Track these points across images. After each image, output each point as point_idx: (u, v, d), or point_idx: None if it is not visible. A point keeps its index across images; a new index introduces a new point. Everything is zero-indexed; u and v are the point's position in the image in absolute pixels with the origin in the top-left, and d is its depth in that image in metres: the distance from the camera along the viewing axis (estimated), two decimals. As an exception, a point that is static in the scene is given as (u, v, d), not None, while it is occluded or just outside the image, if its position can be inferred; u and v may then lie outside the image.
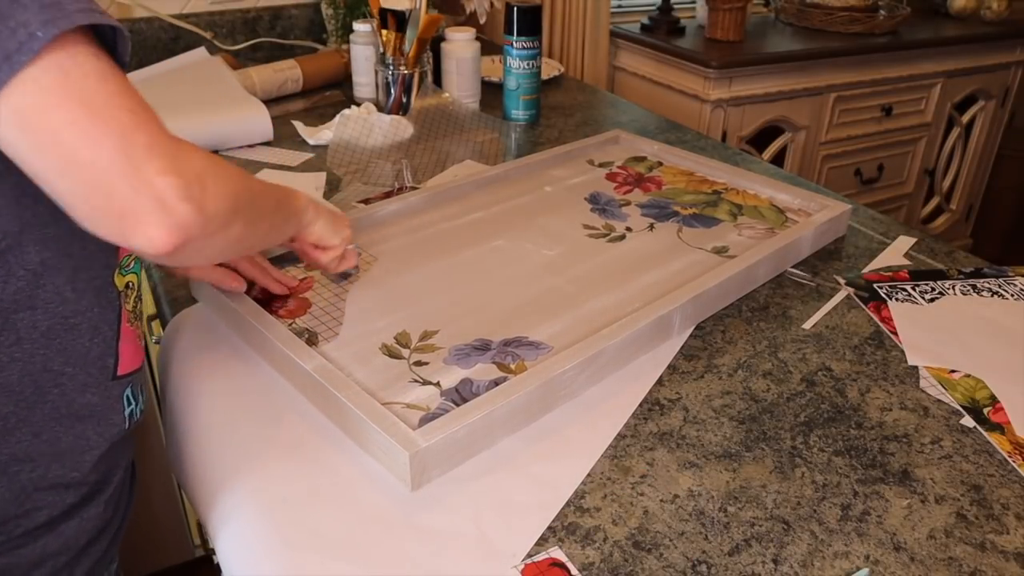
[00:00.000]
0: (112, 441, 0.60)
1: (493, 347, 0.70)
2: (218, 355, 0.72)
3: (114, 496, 0.63)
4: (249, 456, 0.61)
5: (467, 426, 0.58)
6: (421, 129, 1.24)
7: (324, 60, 1.48)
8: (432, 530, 0.55)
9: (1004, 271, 0.89)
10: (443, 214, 0.95)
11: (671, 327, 0.75)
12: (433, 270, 0.83)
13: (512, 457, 0.61)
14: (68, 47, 0.43)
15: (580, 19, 1.93)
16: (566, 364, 0.64)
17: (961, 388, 0.70)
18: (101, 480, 0.61)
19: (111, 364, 0.59)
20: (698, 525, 0.56)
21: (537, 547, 0.54)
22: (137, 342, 0.63)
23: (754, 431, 0.65)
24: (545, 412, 0.65)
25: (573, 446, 0.62)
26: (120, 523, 0.65)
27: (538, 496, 0.58)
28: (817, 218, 0.91)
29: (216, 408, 0.66)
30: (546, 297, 0.78)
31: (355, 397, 0.60)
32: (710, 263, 0.85)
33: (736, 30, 1.93)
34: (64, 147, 0.43)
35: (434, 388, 0.65)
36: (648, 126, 1.34)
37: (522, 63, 1.29)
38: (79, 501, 0.59)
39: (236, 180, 0.51)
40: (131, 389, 0.62)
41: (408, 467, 0.55)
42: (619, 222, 0.94)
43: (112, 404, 0.60)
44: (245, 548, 0.55)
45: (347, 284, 0.80)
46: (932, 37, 2.10)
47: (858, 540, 0.55)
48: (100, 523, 0.61)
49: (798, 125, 2.00)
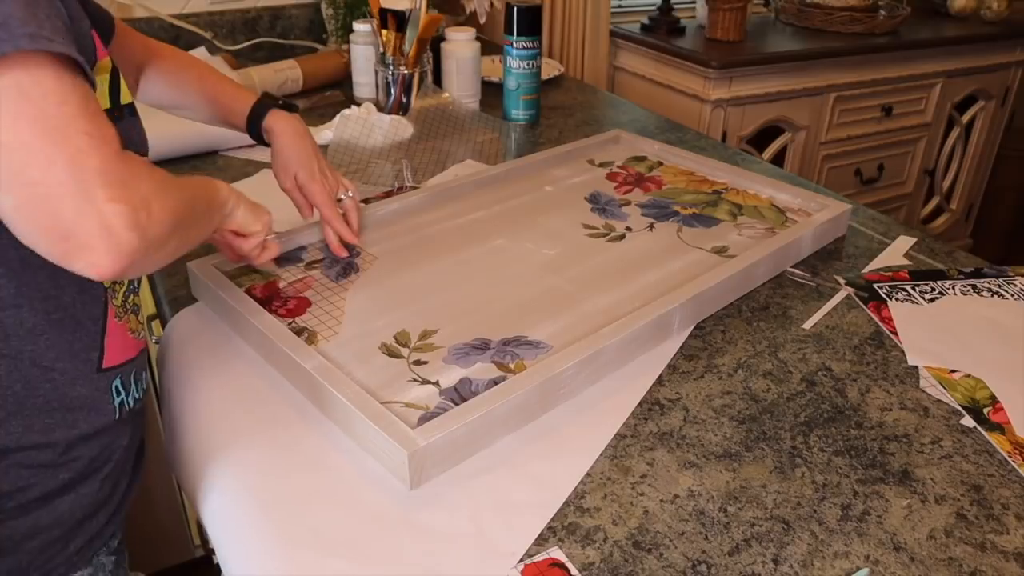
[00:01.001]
0: (104, 427, 0.61)
1: (492, 346, 0.70)
2: (218, 354, 0.72)
3: (113, 474, 0.63)
4: (248, 454, 0.61)
5: (466, 425, 0.58)
6: (421, 129, 1.24)
7: (324, 60, 1.48)
8: (431, 529, 0.55)
9: (1004, 271, 0.89)
10: (443, 213, 0.95)
11: (670, 326, 0.75)
12: (433, 269, 0.83)
13: (511, 456, 0.61)
14: (31, 68, 0.43)
15: (580, 19, 1.93)
16: (565, 363, 0.64)
17: (961, 388, 0.70)
18: (97, 459, 0.61)
19: (95, 358, 0.60)
20: (698, 525, 0.56)
21: (536, 547, 0.54)
22: (127, 336, 0.63)
23: (754, 431, 0.65)
24: (544, 411, 0.65)
25: (572, 445, 0.62)
26: (121, 499, 0.66)
27: (537, 495, 0.58)
28: (817, 218, 0.91)
29: (215, 407, 0.66)
30: (546, 296, 0.78)
31: (354, 396, 0.60)
32: (710, 263, 0.85)
33: (736, 30, 1.93)
34: (14, 164, 0.43)
35: (433, 387, 0.65)
36: (648, 126, 1.34)
37: (522, 63, 1.29)
38: (73, 479, 0.60)
39: (176, 196, 0.52)
40: (120, 380, 0.63)
41: (407, 466, 0.56)
42: (619, 222, 0.94)
43: (100, 395, 0.60)
44: (245, 547, 0.55)
45: (347, 283, 0.80)
46: (932, 37, 2.10)
47: (858, 540, 0.55)
48: (96, 500, 0.62)
49: (798, 125, 2.00)
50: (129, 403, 0.64)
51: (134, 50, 0.81)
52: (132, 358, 0.64)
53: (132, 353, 0.64)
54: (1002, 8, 2.23)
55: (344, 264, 0.83)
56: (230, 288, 0.74)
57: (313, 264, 0.83)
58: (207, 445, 0.63)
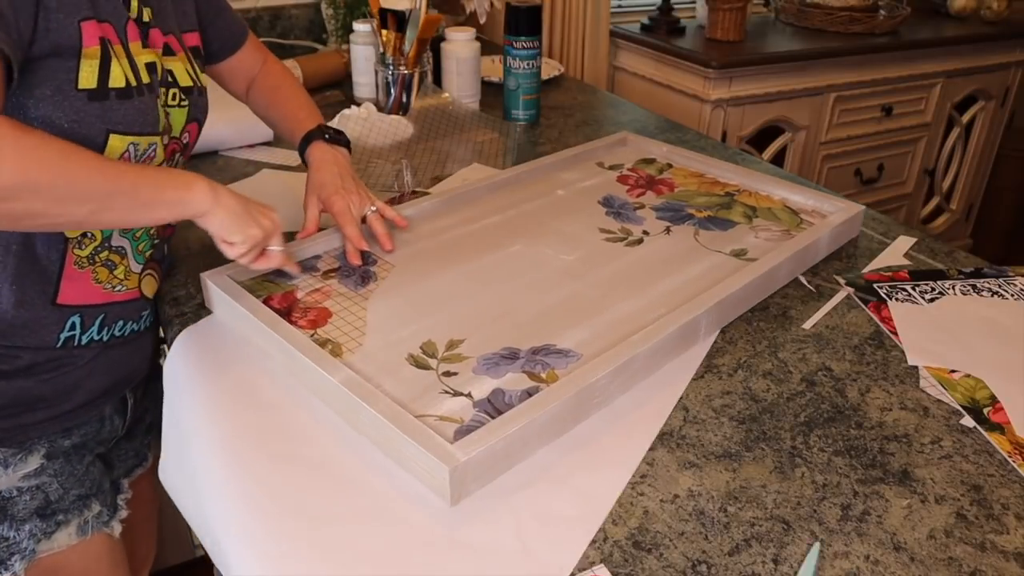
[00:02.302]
0: (43, 346, 0.72)
1: (522, 355, 0.69)
2: (233, 370, 0.70)
3: (58, 382, 0.74)
4: (277, 475, 0.59)
5: (505, 438, 0.57)
6: (421, 129, 1.24)
7: (324, 60, 1.49)
8: (476, 546, 0.53)
9: (1004, 271, 0.89)
10: (457, 219, 0.94)
11: (697, 332, 0.74)
12: (452, 276, 0.82)
13: (549, 468, 0.60)
14: None
15: (580, 19, 1.93)
16: (599, 372, 0.63)
17: (961, 388, 0.70)
18: (41, 366, 0.72)
19: (50, 292, 0.70)
20: (698, 525, 0.56)
21: (580, 562, 0.53)
22: (88, 284, 0.73)
23: (754, 431, 0.65)
24: (577, 422, 0.64)
25: (610, 456, 0.61)
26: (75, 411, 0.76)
27: (579, 508, 0.56)
28: (833, 219, 0.91)
29: (232, 424, 0.64)
30: (569, 303, 0.77)
31: (389, 410, 0.59)
32: (730, 266, 0.84)
33: (736, 30, 1.93)
34: None
35: (466, 399, 0.64)
36: (648, 126, 1.34)
37: (522, 63, 1.29)
38: (9, 372, 0.71)
39: (44, 157, 0.56)
40: (80, 319, 0.73)
41: (448, 482, 0.54)
42: (635, 225, 0.93)
43: (48, 322, 0.71)
44: (284, 572, 0.52)
45: (366, 292, 0.78)
46: (932, 37, 2.10)
47: (858, 540, 0.55)
48: (34, 395, 0.73)
49: (798, 125, 2.00)
50: (81, 340, 0.74)
51: (253, 62, 0.95)
52: (96, 304, 0.74)
53: (97, 300, 0.74)
54: (1002, 8, 2.23)
55: (361, 273, 0.82)
56: (249, 300, 0.73)
57: (330, 273, 0.82)
58: (231, 467, 0.60)
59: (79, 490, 0.79)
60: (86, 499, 0.80)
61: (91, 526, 0.80)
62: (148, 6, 0.72)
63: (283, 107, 0.94)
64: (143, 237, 0.76)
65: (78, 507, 0.79)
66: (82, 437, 0.79)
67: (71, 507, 0.78)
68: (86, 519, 0.80)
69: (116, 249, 0.74)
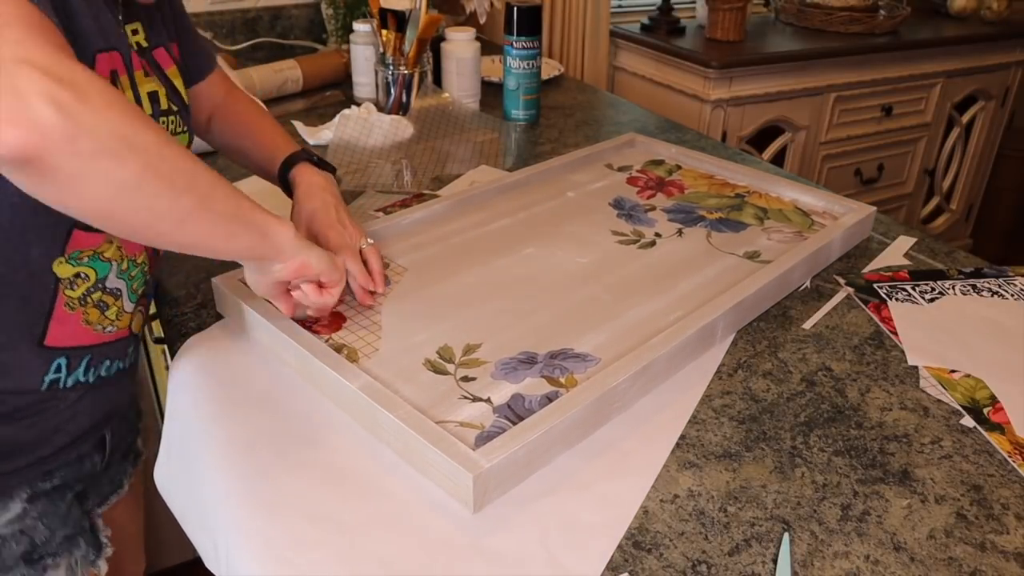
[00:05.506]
0: (28, 390, 0.66)
1: (540, 360, 0.69)
2: (245, 376, 0.69)
3: (42, 427, 0.68)
4: (298, 483, 0.58)
5: (527, 444, 0.56)
6: (421, 129, 1.24)
7: (324, 60, 1.48)
8: (501, 554, 0.53)
9: (1004, 271, 0.89)
10: (469, 222, 0.94)
11: (714, 335, 0.74)
12: (466, 280, 0.81)
13: (571, 474, 0.59)
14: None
15: (580, 19, 1.93)
16: (619, 376, 0.63)
17: (961, 388, 0.70)
18: (23, 410, 0.66)
19: (37, 333, 0.65)
20: (698, 525, 0.56)
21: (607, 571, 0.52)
22: (78, 325, 0.67)
23: (754, 431, 0.65)
24: (597, 427, 0.63)
25: (633, 461, 0.61)
26: (51, 453, 0.70)
27: (603, 514, 0.56)
28: (846, 220, 0.91)
29: (250, 432, 0.63)
30: (585, 306, 0.77)
31: (410, 417, 0.58)
32: (744, 268, 0.84)
33: (736, 30, 1.93)
34: None
35: (485, 404, 0.63)
36: (648, 126, 1.34)
37: (522, 63, 1.29)
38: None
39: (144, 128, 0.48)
40: (67, 360, 0.67)
41: (471, 489, 0.54)
42: (647, 228, 0.93)
43: (34, 364, 0.65)
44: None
45: (379, 296, 0.77)
46: (932, 37, 2.10)
47: (858, 540, 0.55)
48: (16, 442, 0.67)
49: (798, 125, 2.00)
50: (67, 383, 0.68)
51: (218, 91, 0.86)
52: (86, 345, 0.68)
53: (86, 341, 0.68)
54: (1002, 8, 2.23)
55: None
56: (263, 305, 0.72)
57: None
58: (249, 476, 0.59)
59: (64, 530, 0.74)
60: (73, 539, 0.75)
61: (79, 566, 0.75)
62: (144, 26, 0.69)
63: (256, 136, 0.86)
64: (138, 276, 0.72)
65: (66, 547, 0.74)
66: (62, 479, 0.74)
67: (58, 549, 0.74)
68: (75, 559, 0.75)
69: (111, 291, 0.69)
